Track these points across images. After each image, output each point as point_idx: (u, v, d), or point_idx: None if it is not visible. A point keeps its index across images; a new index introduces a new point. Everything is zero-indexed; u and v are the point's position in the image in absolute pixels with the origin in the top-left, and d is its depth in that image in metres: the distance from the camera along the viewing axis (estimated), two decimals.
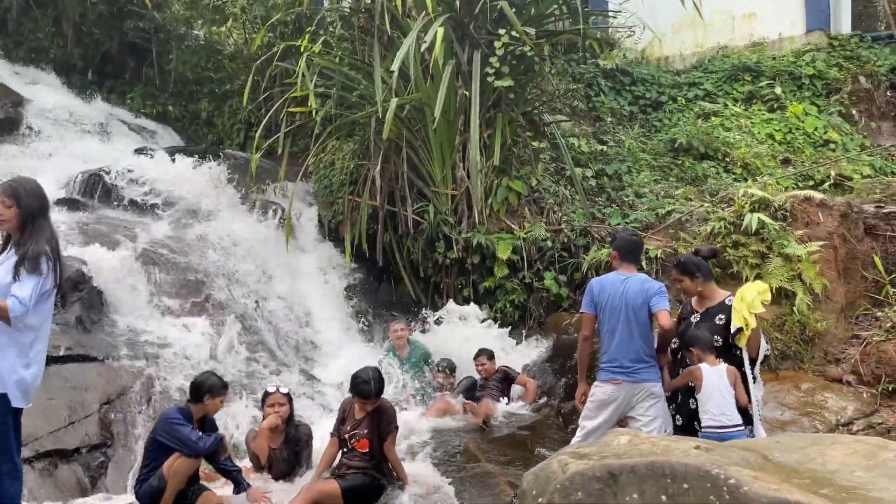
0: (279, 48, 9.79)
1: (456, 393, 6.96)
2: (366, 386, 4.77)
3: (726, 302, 4.81)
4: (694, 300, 4.98)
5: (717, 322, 4.75)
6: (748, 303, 4.53)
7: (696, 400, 4.68)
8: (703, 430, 4.49)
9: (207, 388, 4.67)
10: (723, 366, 4.59)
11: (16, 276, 3.71)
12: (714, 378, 4.53)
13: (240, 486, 4.70)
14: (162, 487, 4.39)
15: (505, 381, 6.98)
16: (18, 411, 3.84)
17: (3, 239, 3.94)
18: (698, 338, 4.67)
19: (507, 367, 7.15)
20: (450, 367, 7.24)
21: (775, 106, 11.19)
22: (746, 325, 4.53)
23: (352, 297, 8.86)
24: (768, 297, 4.69)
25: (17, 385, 3.75)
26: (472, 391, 6.96)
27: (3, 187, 3.81)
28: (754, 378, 4.68)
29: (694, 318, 4.86)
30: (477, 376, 7.11)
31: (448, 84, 7.92)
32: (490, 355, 7.10)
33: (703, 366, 4.58)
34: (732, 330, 4.62)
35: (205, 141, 12.31)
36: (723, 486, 2.58)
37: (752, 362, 4.72)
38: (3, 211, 3.77)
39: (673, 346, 4.91)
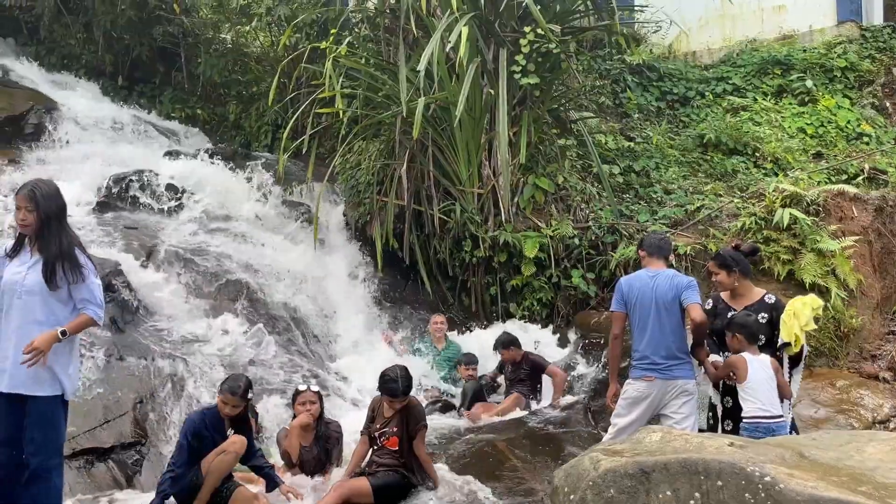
0: (304, 49, 9.86)
1: (465, 403, 6.81)
2: (394, 384, 4.79)
3: (766, 300, 4.73)
4: (726, 296, 4.87)
5: (760, 321, 4.66)
6: (802, 323, 4.45)
7: (730, 398, 4.60)
8: (748, 420, 4.37)
9: (220, 387, 4.76)
10: (765, 356, 4.49)
11: (51, 280, 3.78)
12: (759, 368, 4.42)
13: (273, 482, 4.74)
14: (199, 483, 4.44)
15: (534, 371, 6.92)
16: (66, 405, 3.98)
17: (15, 240, 4.01)
18: (747, 325, 4.54)
19: (532, 353, 7.07)
20: (474, 360, 7.25)
21: (806, 99, 11.01)
22: (796, 341, 4.45)
23: (379, 296, 8.89)
24: (821, 312, 4.64)
25: (74, 381, 3.98)
26: (479, 396, 6.89)
27: (24, 192, 3.86)
28: (790, 376, 4.62)
29: (730, 315, 4.77)
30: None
31: (472, 82, 7.91)
32: (507, 343, 6.99)
33: (747, 355, 4.47)
34: (780, 342, 4.54)
35: (233, 143, 12.43)
36: (758, 483, 2.54)
37: (794, 364, 4.64)
38: (25, 216, 3.84)
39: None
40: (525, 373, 6.92)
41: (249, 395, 4.78)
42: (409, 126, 8.14)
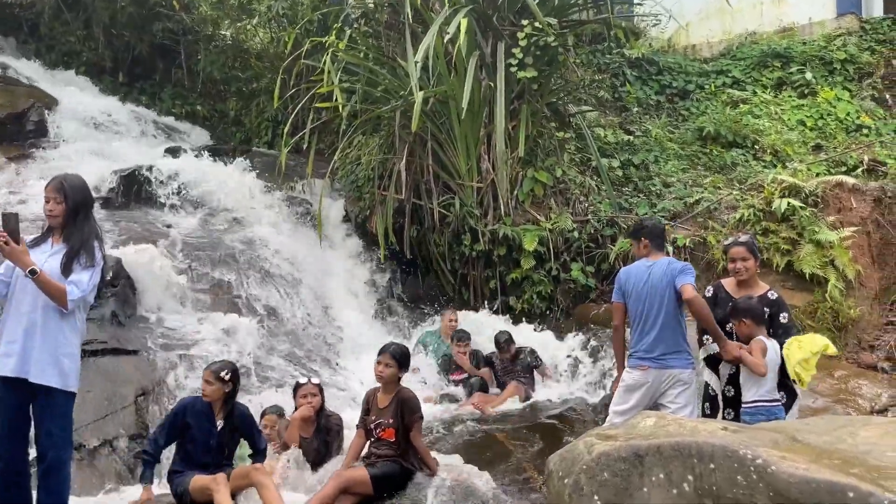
0: (305, 46, 9.88)
1: (470, 395, 6.88)
2: (387, 345, 4.90)
3: (769, 296, 4.69)
4: (731, 286, 4.81)
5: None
6: (808, 368, 4.31)
7: (732, 387, 4.59)
8: (749, 405, 4.34)
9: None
10: (774, 341, 4.46)
11: (67, 267, 3.83)
12: (772, 354, 4.39)
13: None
14: (185, 500, 4.47)
15: (529, 370, 6.99)
16: None
17: (42, 230, 4.07)
18: (751, 308, 4.50)
19: (529, 352, 7.14)
20: (465, 337, 7.23)
21: (806, 92, 11.01)
22: (800, 381, 4.34)
23: (379, 291, 8.93)
24: (831, 350, 4.45)
25: (79, 370, 3.96)
26: (483, 389, 6.94)
27: (53, 184, 3.95)
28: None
29: (731, 304, 4.75)
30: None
31: (473, 76, 7.92)
32: (508, 339, 7.15)
33: (762, 339, 4.42)
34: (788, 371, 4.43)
35: (233, 140, 12.48)
36: (750, 465, 2.56)
37: None
38: (54, 207, 3.92)
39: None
40: (520, 368, 6.97)
41: (227, 378, 4.69)
42: (408, 120, 8.16)
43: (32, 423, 3.83)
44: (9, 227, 3.70)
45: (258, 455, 4.83)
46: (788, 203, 7.05)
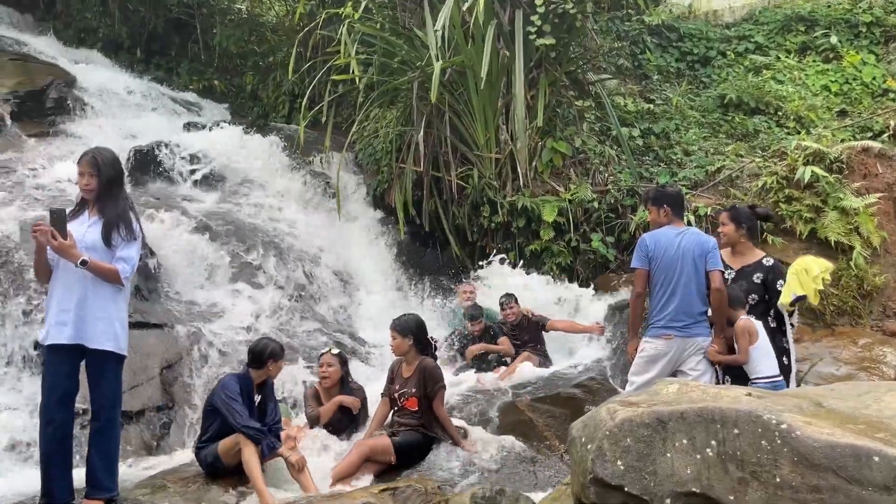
0: (321, 17, 9.80)
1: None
2: (396, 320, 5.00)
3: (764, 262, 4.77)
4: (726, 254, 4.87)
5: (755, 281, 4.72)
6: (814, 276, 4.47)
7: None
8: (765, 379, 4.41)
9: (270, 353, 4.75)
10: (759, 323, 4.56)
11: (109, 240, 3.97)
12: (760, 328, 4.51)
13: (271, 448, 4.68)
14: (216, 465, 4.55)
15: (538, 330, 6.95)
16: None
17: (77, 203, 4.21)
18: (730, 295, 4.59)
19: (535, 314, 7.08)
20: (478, 315, 7.04)
21: (831, 56, 10.79)
22: (815, 295, 4.49)
23: (399, 263, 8.94)
24: (829, 276, 4.66)
25: (128, 335, 4.17)
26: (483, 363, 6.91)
27: (87, 158, 4.07)
28: (793, 325, 4.67)
29: (728, 275, 4.78)
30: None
31: (491, 45, 7.83)
32: (515, 299, 7.06)
33: (745, 319, 4.53)
34: (792, 297, 4.54)
35: (251, 114, 12.45)
36: (774, 431, 2.55)
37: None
38: (89, 181, 4.04)
39: None
40: (527, 335, 6.92)
41: None
42: (426, 92, 8.11)
43: (88, 386, 4.02)
44: (56, 222, 3.84)
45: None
46: (812, 171, 6.94)
